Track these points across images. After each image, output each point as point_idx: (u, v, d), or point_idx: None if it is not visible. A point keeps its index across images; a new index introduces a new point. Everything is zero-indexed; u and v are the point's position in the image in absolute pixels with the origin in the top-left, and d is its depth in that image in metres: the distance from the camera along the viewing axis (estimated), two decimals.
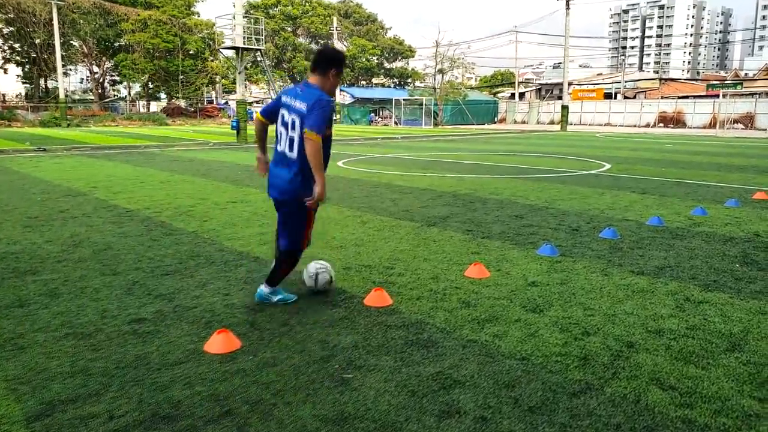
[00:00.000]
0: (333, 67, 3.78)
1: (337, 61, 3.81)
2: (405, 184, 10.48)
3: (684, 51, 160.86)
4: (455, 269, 5.04)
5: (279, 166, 3.81)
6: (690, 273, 5.04)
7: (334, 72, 3.78)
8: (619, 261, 5.41)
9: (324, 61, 3.77)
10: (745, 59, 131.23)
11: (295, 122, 3.66)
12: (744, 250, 5.85)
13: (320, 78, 3.76)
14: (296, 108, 3.67)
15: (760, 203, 8.62)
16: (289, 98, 3.76)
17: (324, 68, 3.75)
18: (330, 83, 3.79)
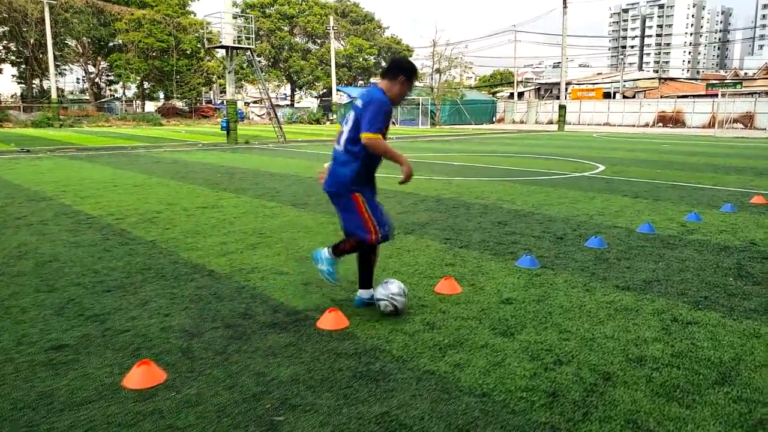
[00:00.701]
0: (402, 74, 3.81)
1: (408, 70, 3.85)
2: (388, 188, 10.08)
3: (684, 50, 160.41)
4: (425, 284, 4.66)
5: (333, 161, 3.92)
6: (680, 288, 4.66)
7: (402, 78, 3.81)
8: (603, 274, 5.03)
9: (395, 68, 3.85)
10: (745, 58, 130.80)
11: (348, 119, 3.78)
12: (739, 261, 5.46)
13: (388, 83, 3.82)
14: (354, 105, 3.79)
15: (757, 208, 8.23)
16: (356, 99, 3.89)
17: (394, 74, 3.81)
18: (397, 89, 3.82)
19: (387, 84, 3.81)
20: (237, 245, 5.81)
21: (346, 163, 3.80)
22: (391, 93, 3.80)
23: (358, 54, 60.58)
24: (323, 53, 58.59)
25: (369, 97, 3.72)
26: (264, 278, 4.70)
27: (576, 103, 53.70)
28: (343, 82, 61.70)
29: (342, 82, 61.24)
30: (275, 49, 58.44)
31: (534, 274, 5.00)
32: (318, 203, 8.40)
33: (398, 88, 3.81)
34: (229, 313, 3.94)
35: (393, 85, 3.80)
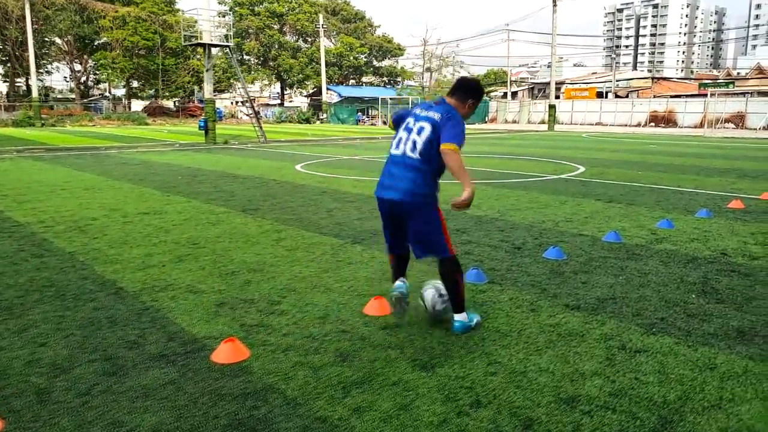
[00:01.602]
0: (471, 97, 3.81)
1: (478, 93, 3.85)
2: (354, 191, 9.64)
3: (678, 50, 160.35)
4: (355, 304, 4.20)
5: (398, 168, 3.70)
6: (636, 307, 4.22)
7: (471, 102, 3.81)
8: (555, 290, 4.59)
9: (464, 89, 3.81)
10: (739, 58, 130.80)
11: (423, 128, 3.64)
12: (705, 274, 5.03)
13: (457, 103, 3.77)
14: (428, 116, 3.67)
15: (734, 213, 7.81)
16: (421, 110, 3.79)
17: (463, 96, 3.78)
18: (464, 111, 3.79)
19: (456, 103, 3.78)
20: (162, 257, 5.34)
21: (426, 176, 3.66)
22: (460, 112, 3.75)
23: (348, 53, 60.03)
24: (313, 52, 58.04)
25: (446, 111, 3.65)
26: (174, 297, 4.24)
27: (568, 102, 53.36)
28: (334, 81, 61.18)
29: (332, 81, 60.74)
30: (264, 47, 57.86)
31: (478, 291, 4.56)
32: (271, 208, 7.94)
33: (465, 110, 3.80)
34: (117, 341, 3.47)
35: (461, 107, 3.78)
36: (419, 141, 3.62)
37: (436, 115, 3.64)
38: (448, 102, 3.77)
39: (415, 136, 3.65)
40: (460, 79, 4.01)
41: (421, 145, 3.61)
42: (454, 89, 3.84)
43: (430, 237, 3.76)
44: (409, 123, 3.75)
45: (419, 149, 3.62)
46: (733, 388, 3.02)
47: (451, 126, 3.57)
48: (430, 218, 3.74)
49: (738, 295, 4.48)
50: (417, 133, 3.65)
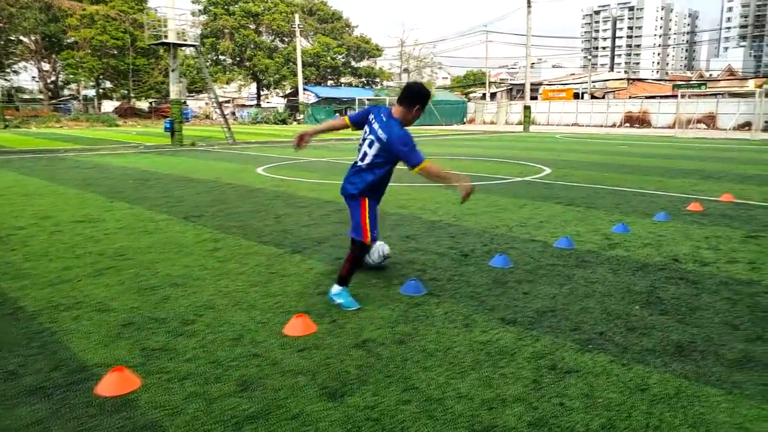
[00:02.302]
0: (418, 103, 4.15)
1: (423, 97, 4.17)
2: (309, 195, 9.34)
3: (653, 51, 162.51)
4: (276, 323, 3.90)
5: (351, 172, 4.37)
6: (575, 321, 3.99)
7: (417, 107, 4.16)
8: (494, 302, 4.34)
9: (411, 96, 4.15)
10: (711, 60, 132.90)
11: (372, 143, 4.18)
12: (653, 283, 4.83)
13: (404, 110, 4.15)
14: (376, 132, 4.15)
15: (692, 216, 7.66)
16: (375, 120, 4.22)
17: (410, 103, 4.13)
18: (411, 116, 4.19)
19: (403, 111, 4.16)
20: (81, 271, 4.99)
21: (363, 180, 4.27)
22: (406, 119, 4.18)
23: (325, 53, 59.56)
24: (289, 52, 57.48)
25: (393, 132, 4.06)
26: (78, 318, 3.91)
27: (545, 103, 53.58)
28: (311, 81, 60.68)
29: (310, 81, 60.23)
30: (239, 47, 57.15)
31: (413, 304, 4.30)
32: (216, 215, 7.61)
33: (413, 115, 4.19)
34: None
35: (408, 113, 4.16)
36: (369, 154, 4.23)
37: (384, 135, 4.10)
38: (395, 113, 4.18)
39: (366, 148, 4.24)
40: (406, 87, 4.30)
41: (369, 158, 4.23)
42: (401, 98, 4.19)
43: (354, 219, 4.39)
44: (365, 132, 4.27)
45: (368, 160, 4.24)
46: (661, 413, 2.79)
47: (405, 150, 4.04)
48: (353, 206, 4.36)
49: (683, 306, 4.28)
50: (368, 146, 4.22)
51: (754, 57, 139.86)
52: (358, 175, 4.30)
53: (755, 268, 5.23)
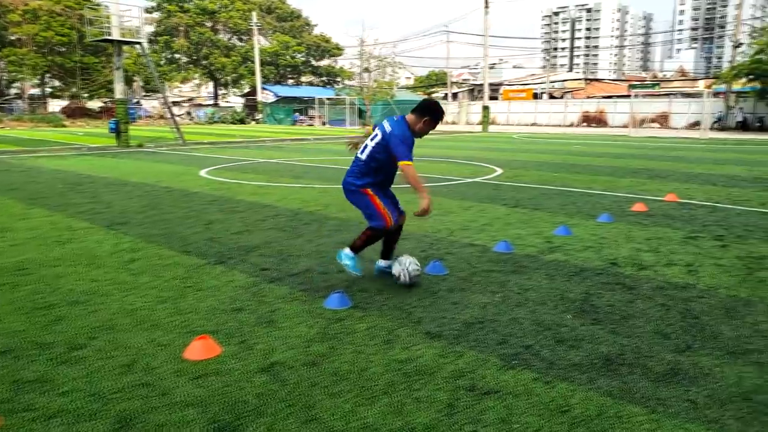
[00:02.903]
0: (428, 115, 4.51)
1: (433, 113, 4.54)
2: (248, 200, 8.96)
3: (610, 52, 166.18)
4: (178, 345, 3.56)
5: (352, 166, 4.69)
6: (503, 333, 3.77)
7: (427, 119, 4.51)
8: (421, 314, 4.09)
9: (423, 108, 4.54)
10: (665, 61, 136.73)
11: (376, 135, 4.53)
12: (589, 289, 4.66)
13: (415, 118, 4.52)
14: (383, 128, 4.49)
15: (636, 216, 7.59)
16: (387, 120, 4.57)
17: (420, 114, 4.51)
18: (420, 126, 4.53)
19: (414, 119, 4.53)
20: None
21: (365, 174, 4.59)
22: (415, 127, 4.54)
23: (284, 52, 58.72)
24: (247, 50, 56.46)
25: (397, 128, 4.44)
26: None
27: (505, 103, 54.07)
28: (271, 80, 59.79)
29: (269, 80, 59.34)
30: (194, 45, 55.85)
31: (335, 319, 4.01)
32: (142, 222, 7.18)
33: (421, 125, 4.54)
34: None
35: (417, 122, 4.52)
36: (370, 146, 4.55)
37: (388, 127, 4.47)
38: (408, 118, 4.55)
39: (368, 141, 4.59)
40: (423, 100, 4.75)
41: (369, 149, 4.54)
42: (416, 107, 4.58)
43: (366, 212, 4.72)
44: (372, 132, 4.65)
45: (367, 152, 4.55)
46: None
47: (398, 142, 4.37)
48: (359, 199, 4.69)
49: (616, 313, 4.11)
50: (371, 139, 4.57)
51: (704, 59, 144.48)
52: (357, 168, 4.62)
53: (692, 271, 5.13)
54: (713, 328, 3.86)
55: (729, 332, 3.78)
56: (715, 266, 5.28)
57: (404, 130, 4.47)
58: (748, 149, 20.53)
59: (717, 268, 5.20)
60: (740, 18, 39.39)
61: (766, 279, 4.89)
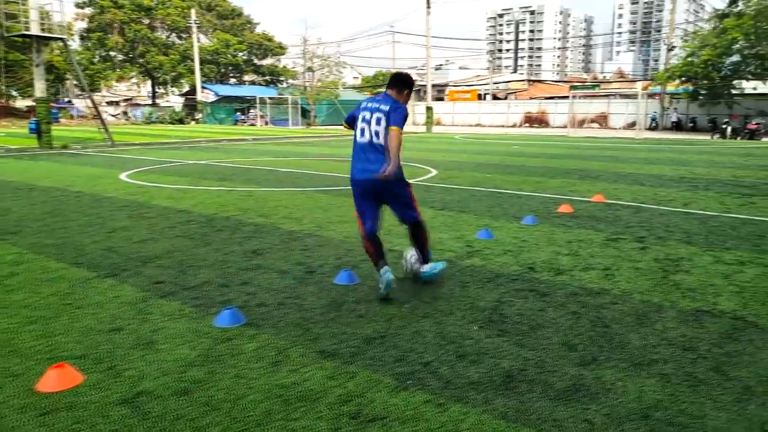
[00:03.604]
0: (406, 88, 4.61)
1: (411, 85, 4.63)
2: (163, 204, 8.45)
3: (553, 54, 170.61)
4: (35, 374, 3.14)
5: (371, 154, 4.45)
6: (403, 349, 3.51)
7: (407, 92, 4.61)
8: (320, 330, 3.79)
9: (400, 83, 4.58)
10: (605, 63, 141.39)
11: (380, 119, 4.41)
12: (501, 296, 4.47)
13: (397, 94, 4.55)
14: (381, 109, 4.44)
15: (560, 218, 7.52)
16: (372, 103, 4.53)
17: (400, 88, 4.57)
18: (403, 100, 4.56)
19: (396, 94, 4.57)
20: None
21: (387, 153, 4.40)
22: (399, 101, 4.56)
23: (225, 50, 57.31)
24: (186, 48, 54.80)
25: (393, 103, 4.46)
26: None
27: (450, 104, 54.50)
28: (212, 79, 58.29)
29: (210, 79, 57.84)
30: (130, 42, 53.79)
31: (224, 339, 3.66)
32: (39, 230, 6.60)
33: (403, 99, 4.59)
34: None
35: (400, 97, 4.58)
36: (381, 130, 4.44)
37: (386, 107, 4.44)
38: (390, 95, 4.57)
39: (376, 126, 4.45)
40: (396, 74, 4.76)
41: (382, 135, 4.43)
42: (392, 83, 4.61)
43: (408, 202, 4.70)
44: (366, 116, 4.50)
45: (382, 137, 4.43)
46: None
47: (395, 114, 4.39)
48: (403, 189, 4.70)
49: (525, 323, 3.92)
50: (377, 124, 4.45)
51: (642, 61, 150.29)
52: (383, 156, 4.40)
53: (608, 275, 5.02)
54: (622, 337, 3.71)
55: (637, 341, 3.64)
56: (633, 269, 5.19)
57: (400, 104, 4.53)
58: (679, 149, 21.20)
59: (634, 272, 5.12)
60: (673, 22, 40.92)
61: (680, 282, 4.82)
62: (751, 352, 3.49)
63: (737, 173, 12.90)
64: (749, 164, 15.12)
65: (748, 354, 3.46)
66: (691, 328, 3.86)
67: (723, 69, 34.99)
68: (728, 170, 13.54)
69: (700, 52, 33.96)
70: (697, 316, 4.07)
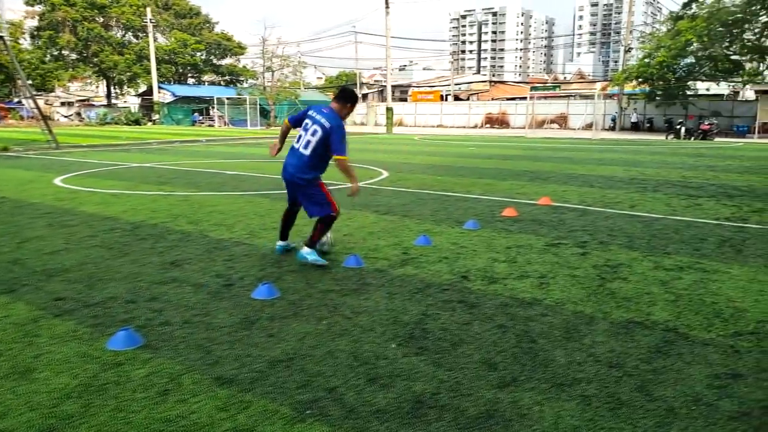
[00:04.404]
0: (350, 102, 5.25)
1: (353, 98, 5.30)
2: (90, 211, 7.96)
3: (515, 55, 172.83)
4: None
5: (294, 158, 5.18)
6: (311, 372, 3.21)
7: (350, 106, 5.24)
8: (223, 351, 3.47)
9: (344, 96, 5.24)
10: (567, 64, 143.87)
11: (316, 131, 5.04)
12: (427, 309, 4.21)
13: (340, 106, 5.18)
14: (320, 121, 5.05)
15: (503, 223, 7.34)
16: (315, 113, 5.14)
17: (343, 102, 5.20)
18: (345, 113, 5.21)
19: (339, 107, 5.14)
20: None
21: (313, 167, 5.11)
22: (341, 114, 5.15)
23: (183, 50, 56.02)
24: (142, 48, 53.37)
25: (334, 121, 5.02)
26: None
27: (413, 105, 54.48)
28: (169, 79, 56.94)
29: (168, 79, 56.49)
30: (83, 41, 52.08)
31: (113, 364, 3.30)
32: None
33: (345, 112, 5.19)
34: None
35: (342, 109, 5.15)
36: (312, 141, 5.03)
37: (326, 122, 5.01)
38: (333, 107, 5.15)
39: (310, 137, 5.04)
40: (341, 88, 5.51)
41: (313, 144, 5.03)
42: (337, 96, 5.24)
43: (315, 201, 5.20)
44: (307, 124, 5.09)
45: (311, 147, 5.04)
46: None
47: (338, 139, 4.97)
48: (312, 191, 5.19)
49: (447, 339, 3.67)
50: (311, 135, 5.03)
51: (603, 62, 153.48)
52: (304, 163, 5.08)
53: (543, 284, 4.82)
54: (547, 353, 3.49)
55: (562, 358, 3.42)
56: (569, 277, 5.00)
57: (340, 121, 5.05)
58: (634, 149, 21.45)
59: (570, 280, 4.93)
60: (629, 24, 41.68)
61: (616, 291, 4.64)
62: (678, 368, 3.30)
63: (686, 174, 13.01)
64: (699, 165, 15.32)
65: (676, 370, 3.27)
66: (620, 341, 3.66)
67: (678, 70, 35.80)
68: (678, 171, 13.66)
69: (655, 53, 34.64)
70: (628, 328, 3.88)
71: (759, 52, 33.93)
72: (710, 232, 6.83)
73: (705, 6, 33.88)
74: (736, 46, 34.11)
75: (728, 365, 3.34)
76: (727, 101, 39.16)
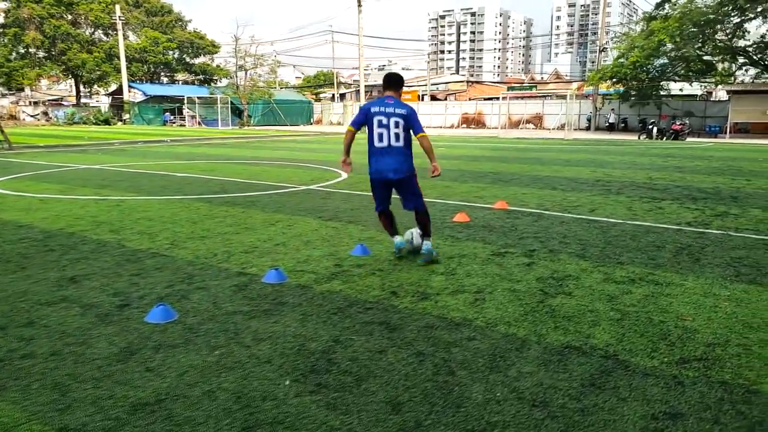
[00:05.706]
0: (402, 86, 5.40)
1: (402, 81, 5.43)
2: (8, 218, 7.33)
3: (494, 56, 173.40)
4: None
5: (389, 156, 5.17)
6: (178, 419, 2.70)
7: (402, 91, 5.39)
8: (86, 391, 2.96)
9: (396, 83, 5.33)
10: (544, 64, 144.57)
11: (398, 122, 5.09)
12: (342, 333, 3.72)
13: (396, 93, 5.28)
14: (396, 112, 5.11)
15: (452, 229, 6.88)
16: (383, 107, 5.13)
17: (398, 86, 5.33)
18: (401, 96, 5.34)
19: (396, 93, 5.30)
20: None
21: (409, 156, 5.27)
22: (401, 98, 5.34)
23: (154, 48, 54.85)
24: (112, 46, 52.11)
25: (406, 107, 5.18)
26: None
27: None
28: (140, 78, 55.73)
29: (139, 78, 55.31)
30: (49, 39, 50.68)
31: None
32: None
33: (401, 95, 5.39)
34: None
35: (400, 93, 5.36)
36: (400, 132, 5.11)
37: (402, 110, 5.12)
38: (392, 95, 5.23)
39: (395, 129, 5.10)
40: (390, 75, 5.40)
41: (402, 134, 5.13)
42: (390, 84, 5.29)
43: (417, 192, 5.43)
44: (382, 121, 5.09)
45: (402, 138, 5.13)
46: None
47: (417, 119, 5.20)
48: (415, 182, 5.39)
49: (352, 373, 3.17)
50: (395, 127, 5.10)
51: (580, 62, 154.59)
52: (401, 156, 5.18)
53: (478, 300, 4.35)
54: (463, 389, 3.01)
55: (480, 395, 2.94)
56: (509, 292, 4.54)
57: (408, 105, 5.23)
58: (604, 150, 21.19)
59: (509, 295, 4.46)
60: (603, 24, 41.70)
61: (556, 308, 4.18)
62: (611, 406, 2.85)
63: (653, 175, 12.69)
64: (667, 165, 15.04)
65: (608, 409, 2.81)
66: (551, 372, 3.19)
67: (651, 70, 35.82)
68: (645, 172, 13.34)
69: (629, 53, 34.59)
70: (563, 354, 3.42)
71: (731, 52, 34.10)
72: (669, 239, 6.43)
73: (678, 6, 33.92)
74: (709, 46, 34.22)
75: (668, 401, 2.89)
76: (700, 101, 39.34)
